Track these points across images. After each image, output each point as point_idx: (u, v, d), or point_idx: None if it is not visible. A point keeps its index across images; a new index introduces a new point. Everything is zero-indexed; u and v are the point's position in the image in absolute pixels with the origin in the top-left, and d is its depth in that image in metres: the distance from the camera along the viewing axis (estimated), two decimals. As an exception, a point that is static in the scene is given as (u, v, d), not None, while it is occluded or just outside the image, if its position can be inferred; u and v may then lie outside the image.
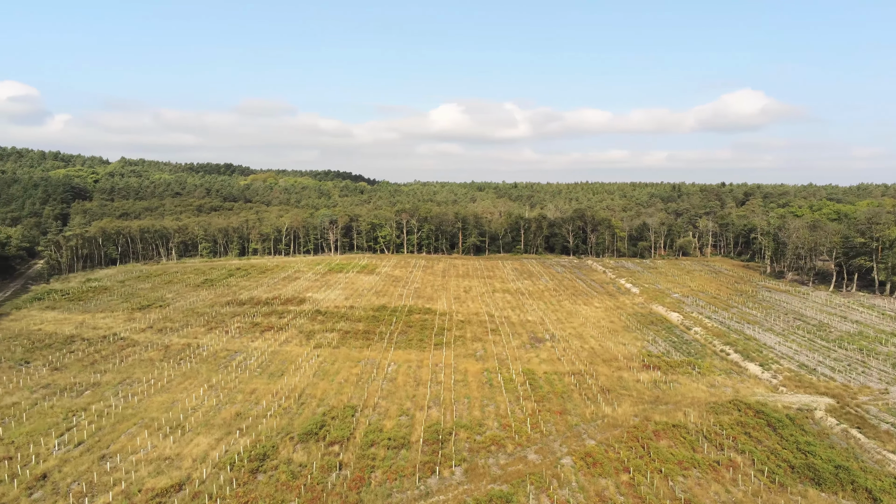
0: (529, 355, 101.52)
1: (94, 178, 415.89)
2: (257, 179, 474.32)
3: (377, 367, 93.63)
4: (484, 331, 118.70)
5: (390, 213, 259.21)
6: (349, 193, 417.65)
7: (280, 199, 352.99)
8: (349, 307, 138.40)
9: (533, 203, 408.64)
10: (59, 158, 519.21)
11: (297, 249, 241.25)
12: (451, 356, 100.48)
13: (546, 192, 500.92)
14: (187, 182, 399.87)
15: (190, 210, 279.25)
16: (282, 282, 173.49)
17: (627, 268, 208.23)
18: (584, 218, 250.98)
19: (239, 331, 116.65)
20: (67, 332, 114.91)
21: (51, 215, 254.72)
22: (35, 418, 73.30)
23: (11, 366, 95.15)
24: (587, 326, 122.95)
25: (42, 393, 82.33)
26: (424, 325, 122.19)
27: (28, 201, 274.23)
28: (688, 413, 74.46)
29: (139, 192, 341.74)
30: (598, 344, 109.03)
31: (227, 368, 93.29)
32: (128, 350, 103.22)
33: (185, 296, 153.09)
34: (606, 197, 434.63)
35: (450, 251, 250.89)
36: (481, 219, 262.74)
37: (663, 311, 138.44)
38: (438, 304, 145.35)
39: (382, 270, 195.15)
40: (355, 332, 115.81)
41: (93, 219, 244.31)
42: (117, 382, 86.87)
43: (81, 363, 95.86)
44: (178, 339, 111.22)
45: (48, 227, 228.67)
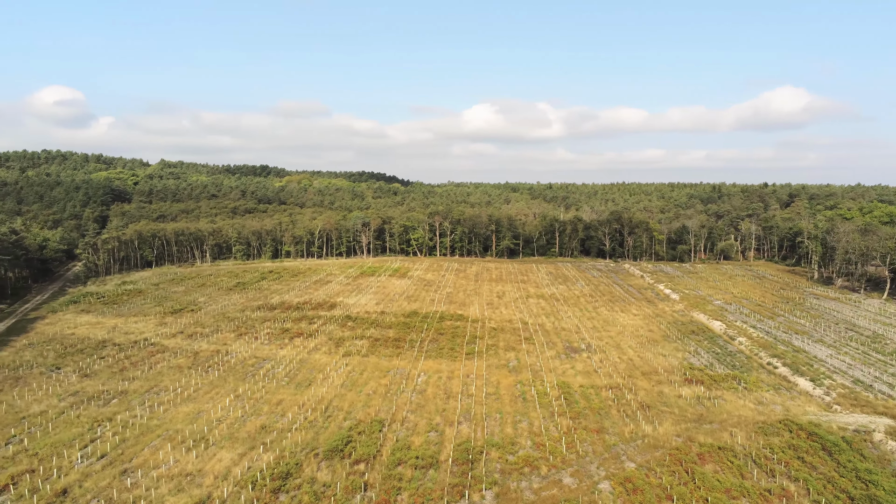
0: (565, 367, 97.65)
1: (133, 180, 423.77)
2: (292, 181, 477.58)
3: (407, 378, 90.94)
4: (517, 339, 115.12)
5: (423, 215, 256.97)
6: (382, 195, 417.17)
7: (314, 201, 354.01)
8: (380, 313, 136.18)
9: (568, 204, 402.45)
10: (102, 161, 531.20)
11: (329, 252, 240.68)
12: (482, 367, 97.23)
13: (581, 192, 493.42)
14: (223, 184, 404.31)
15: (225, 212, 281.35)
16: (313, 285, 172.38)
17: (666, 272, 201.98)
18: (620, 220, 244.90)
19: (268, 337, 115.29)
20: (100, 337, 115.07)
21: (90, 217, 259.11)
22: (61, 428, 72.48)
23: (43, 372, 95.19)
24: (625, 335, 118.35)
25: (70, 401, 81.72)
26: (456, 332, 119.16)
27: (69, 204, 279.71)
28: (734, 434, 69.87)
29: (176, 194, 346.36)
30: (636, 355, 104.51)
31: (255, 377, 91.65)
32: (157, 356, 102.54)
33: (217, 300, 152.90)
34: (643, 198, 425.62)
35: (483, 254, 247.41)
36: (515, 221, 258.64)
37: (705, 319, 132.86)
38: (471, 310, 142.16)
39: (415, 274, 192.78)
40: (385, 339, 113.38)
41: (130, 221, 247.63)
42: (144, 391, 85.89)
43: (111, 370, 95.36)
44: (208, 345, 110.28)
45: (87, 230, 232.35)
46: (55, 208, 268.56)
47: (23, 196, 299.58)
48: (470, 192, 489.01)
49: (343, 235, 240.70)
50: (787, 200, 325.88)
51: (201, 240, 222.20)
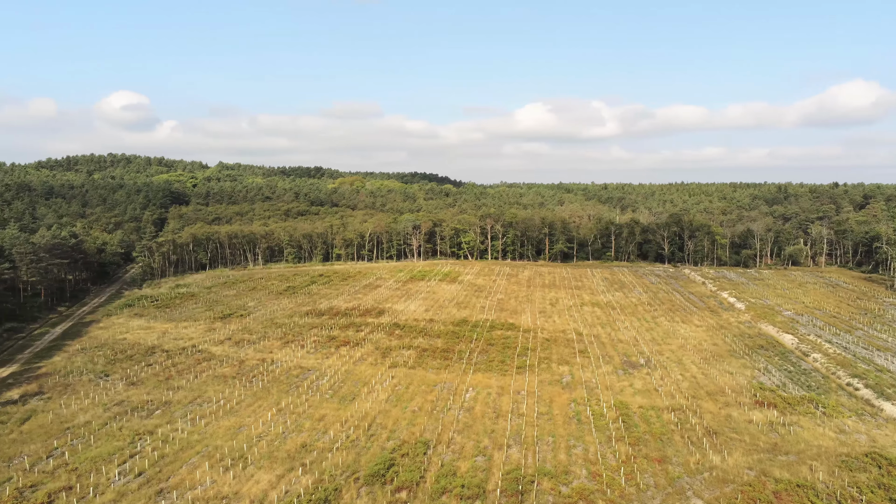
0: (622, 384, 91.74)
1: (192, 182, 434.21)
2: (345, 183, 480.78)
3: (454, 394, 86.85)
4: (571, 352, 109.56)
5: (474, 217, 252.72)
6: (434, 196, 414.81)
7: (366, 203, 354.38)
8: (428, 321, 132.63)
9: (624, 206, 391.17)
10: (163, 164, 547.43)
11: (379, 255, 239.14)
12: (534, 382, 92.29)
13: (638, 193, 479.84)
14: (277, 186, 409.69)
15: (277, 215, 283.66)
16: (362, 290, 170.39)
17: (730, 279, 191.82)
18: (680, 223, 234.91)
19: (315, 345, 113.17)
20: (149, 343, 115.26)
21: (149, 220, 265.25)
22: (103, 441, 71.36)
23: (91, 378, 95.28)
24: (687, 349, 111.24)
25: (114, 411, 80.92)
26: (507, 343, 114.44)
27: (130, 206, 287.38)
28: (814, 468, 63.02)
29: (232, 196, 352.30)
30: (700, 372, 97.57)
31: (298, 389, 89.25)
32: (203, 364, 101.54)
33: (267, 304, 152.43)
34: (704, 199, 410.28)
35: (535, 258, 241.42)
36: (569, 224, 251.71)
37: (774, 331, 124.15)
38: (522, 318, 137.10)
39: (465, 279, 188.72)
40: (433, 349, 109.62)
41: (187, 223, 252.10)
42: (188, 402, 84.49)
43: (157, 378, 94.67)
44: (254, 353, 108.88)
45: (145, 232, 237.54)
46: (116, 211, 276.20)
47: (88, 199, 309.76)
48: (522, 193, 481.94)
49: (393, 238, 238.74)
50: (861, 202, 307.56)
51: (254, 242, 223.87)
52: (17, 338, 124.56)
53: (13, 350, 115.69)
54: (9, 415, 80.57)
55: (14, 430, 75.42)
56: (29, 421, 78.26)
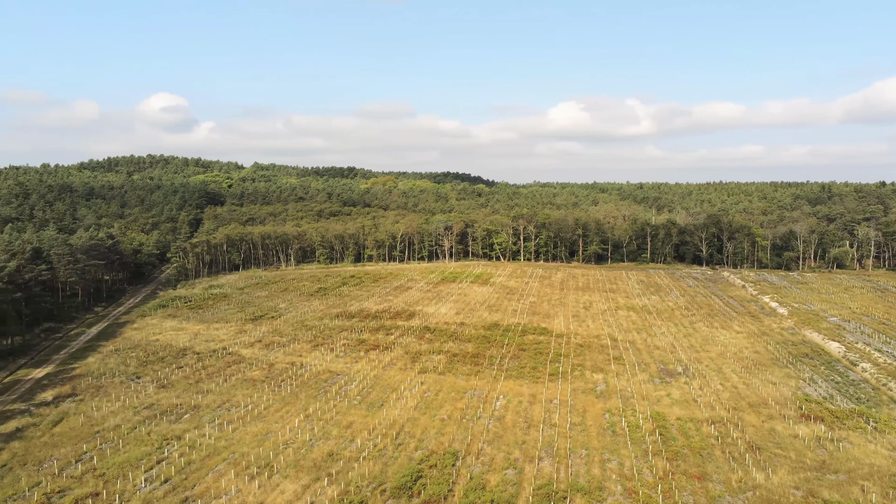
0: (659, 393, 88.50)
1: (228, 182, 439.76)
2: (377, 183, 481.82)
3: (484, 402, 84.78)
4: (606, 358, 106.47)
5: (507, 218, 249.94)
6: (467, 196, 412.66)
7: (398, 203, 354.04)
8: (459, 324, 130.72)
9: (660, 206, 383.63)
10: (200, 164, 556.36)
11: (411, 256, 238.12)
12: (567, 390, 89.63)
13: (674, 193, 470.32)
14: (311, 186, 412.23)
15: (310, 215, 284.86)
16: (393, 292, 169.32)
17: (771, 282, 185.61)
18: (719, 224, 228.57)
19: (344, 348, 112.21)
20: (181, 345, 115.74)
21: (185, 220, 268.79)
22: (131, 445, 71.20)
23: (123, 381, 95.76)
24: (727, 357, 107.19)
25: (144, 415, 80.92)
26: (539, 348, 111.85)
27: (166, 207, 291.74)
28: (867, 489, 59.34)
29: (266, 197, 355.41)
30: (741, 382, 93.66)
31: (327, 395, 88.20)
32: (233, 368, 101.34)
33: (298, 306, 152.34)
34: (743, 198, 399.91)
35: (569, 259, 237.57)
36: (603, 224, 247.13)
37: (819, 339, 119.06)
38: (555, 322, 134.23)
39: (497, 281, 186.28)
40: (464, 354, 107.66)
41: (222, 224, 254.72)
42: (217, 406, 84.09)
43: (187, 381, 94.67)
44: (284, 356, 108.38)
45: (180, 233, 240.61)
46: (154, 211, 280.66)
47: (126, 199, 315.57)
48: (556, 193, 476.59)
49: (425, 239, 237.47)
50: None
51: (286, 243, 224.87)
52: (55, 338, 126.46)
53: (50, 350, 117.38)
54: (42, 417, 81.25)
55: (46, 433, 75.89)
56: (61, 423, 78.70)
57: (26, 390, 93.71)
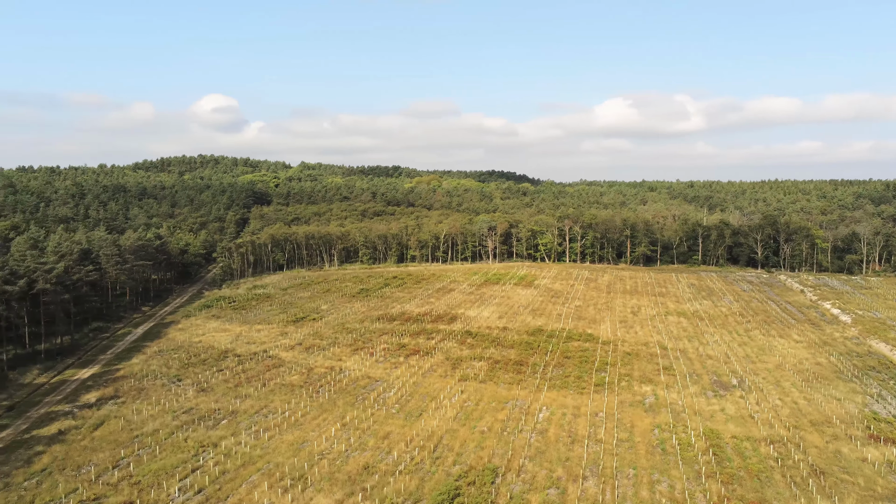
0: (712, 408, 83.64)
1: (275, 182, 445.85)
2: (422, 182, 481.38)
3: (526, 413, 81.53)
4: (655, 368, 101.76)
5: (552, 218, 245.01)
6: (511, 195, 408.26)
7: (442, 203, 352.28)
8: (502, 329, 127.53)
9: (712, 205, 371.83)
10: (248, 164, 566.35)
11: (454, 256, 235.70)
12: (614, 403, 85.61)
13: (727, 191, 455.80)
14: (356, 186, 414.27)
15: (354, 215, 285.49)
16: (435, 294, 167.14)
17: (832, 287, 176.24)
18: (775, 225, 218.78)
19: (384, 353, 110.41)
20: (223, 347, 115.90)
21: (232, 220, 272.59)
22: (168, 452, 70.65)
23: (164, 383, 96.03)
24: (785, 369, 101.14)
25: (182, 420, 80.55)
26: (584, 356, 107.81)
27: (214, 207, 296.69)
28: (948, 524, 53.94)
29: (311, 196, 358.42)
30: (802, 397, 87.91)
31: (365, 402, 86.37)
32: (273, 371, 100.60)
33: (340, 308, 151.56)
34: (801, 198, 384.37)
35: (616, 260, 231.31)
36: (652, 225, 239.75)
37: (887, 350, 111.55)
38: (601, 328, 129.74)
39: (541, 283, 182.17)
40: (506, 361, 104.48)
41: (267, 224, 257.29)
42: (254, 412, 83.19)
43: (227, 384, 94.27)
44: (323, 360, 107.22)
45: (227, 233, 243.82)
46: (202, 211, 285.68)
47: (177, 199, 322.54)
48: (603, 192, 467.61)
49: (468, 240, 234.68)
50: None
51: (330, 243, 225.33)
52: (103, 337, 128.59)
53: (97, 350, 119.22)
54: (84, 420, 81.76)
55: (87, 436, 76.16)
56: (101, 427, 78.96)
57: (71, 391, 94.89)
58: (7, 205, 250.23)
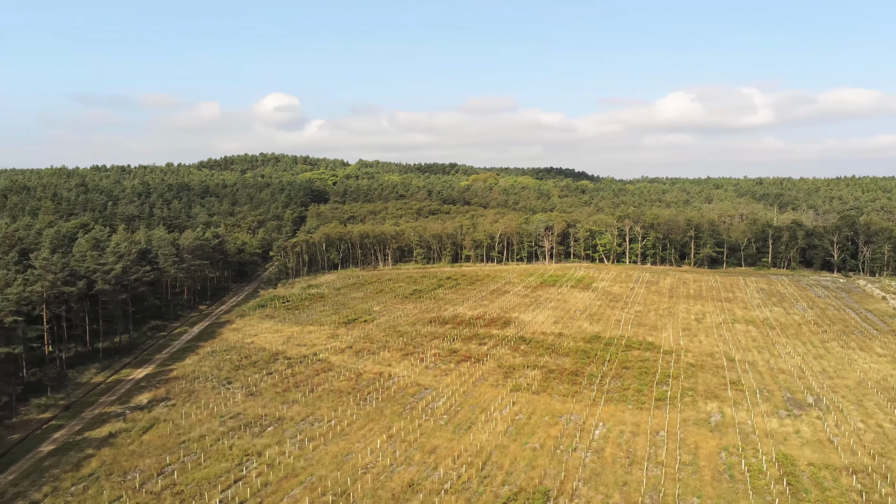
0: (786, 430, 77.17)
1: (333, 180, 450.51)
2: (478, 180, 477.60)
3: (581, 430, 77.10)
4: (721, 382, 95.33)
5: (611, 218, 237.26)
6: (569, 193, 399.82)
7: (498, 201, 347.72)
8: (557, 335, 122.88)
9: (782, 203, 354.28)
10: (307, 162, 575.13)
11: (510, 257, 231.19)
12: (676, 420, 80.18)
13: (799, 189, 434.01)
14: (412, 184, 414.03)
15: (409, 214, 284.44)
16: (489, 296, 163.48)
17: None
18: (854, 226, 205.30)
19: (434, 359, 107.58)
20: (274, 348, 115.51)
21: (289, 219, 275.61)
22: (212, 460, 69.69)
23: (215, 386, 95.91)
24: (868, 387, 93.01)
25: (229, 425, 79.74)
26: (644, 367, 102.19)
27: (273, 205, 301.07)
28: None
29: (368, 195, 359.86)
30: (888, 419, 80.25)
31: (413, 412, 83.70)
32: (321, 376, 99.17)
33: (392, 309, 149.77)
34: (881, 196, 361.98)
35: (679, 262, 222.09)
36: (718, 225, 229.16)
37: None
38: (663, 336, 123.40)
39: (599, 285, 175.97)
40: (561, 371, 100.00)
41: (323, 222, 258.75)
42: (300, 419, 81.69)
43: (275, 389, 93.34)
44: (373, 365, 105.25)
45: (283, 231, 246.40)
46: (261, 209, 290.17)
47: (237, 197, 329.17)
48: (666, 189, 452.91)
49: (524, 240, 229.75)
50: None
51: (384, 243, 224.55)
52: (159, 336, 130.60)
53: (153, 349, 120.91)
54: (135, 422, 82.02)
55: (135, 440, 76.18)
56: (150, 431, 78.93)
57: (125, 392, 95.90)
58: (78, 203, 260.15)
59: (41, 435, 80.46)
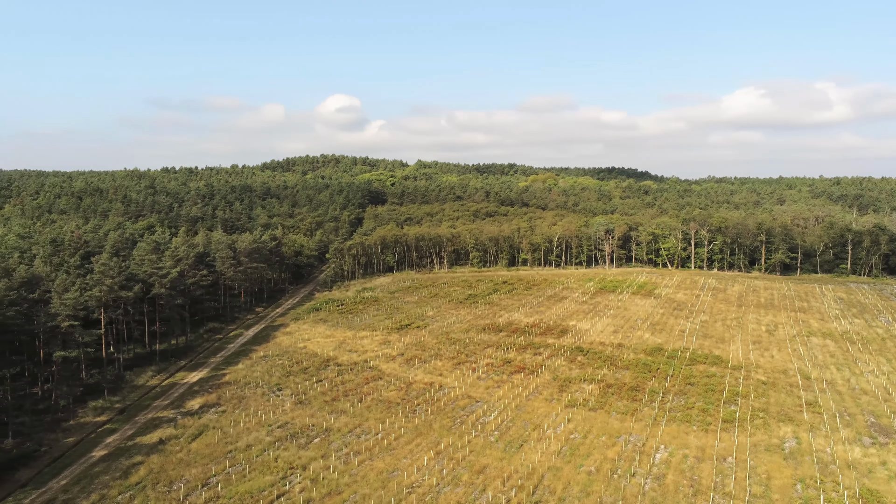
0: (870, 460, 70.25)
1: (391, 181, 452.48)
2: (537, 180, 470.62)
3: (641, 452, 72.28)
4: (796, 403, 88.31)
5: (676, 221, 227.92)
6: (631, 194, 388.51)
7: (557, 202, 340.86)
8: (616, 345, 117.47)
9: (862, 205, 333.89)
10: (367, 163, 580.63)
11: (568, 261, 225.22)
12: (745, 445, 74.27)
13: (881, 189, 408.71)
14: (469, 185, 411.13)
15: (466, 215, 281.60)
16: (546, 302, 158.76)
17: None
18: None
19: (487, 369, 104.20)
20: (326, 354, 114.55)
21: (346, 220, 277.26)
22: (257, 472, 68.56)
23: (265, 392, 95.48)
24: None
25: (276, 435, 78.71)
26: (710, 383, 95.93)
27: (331, 207, 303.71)
28: None
29: (425, 196, 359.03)
30: None
31: (463, 426, 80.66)
32: (371, 385, 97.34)
33: (446, 314, 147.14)
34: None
35: (748, 268, 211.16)
36: (791, 229, 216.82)
37: None
38: (731, 349, 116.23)
39: (662, 292, 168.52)
40: (619, 386, 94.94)
41: (380, 224, 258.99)
42: (348, 430, 79.89)
43: (324, 398, 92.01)
44: (423, 374, 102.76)
45: (340, 233, 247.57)
46: (320, 211, 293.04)
47: (297, 199, 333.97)
48: (734, 190, 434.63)
49: (583, 243, 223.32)
50: None
51: (440, 245, 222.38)
52: (215, 339, 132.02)
53: (209, 352, 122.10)
54: (185, 428, 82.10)
55: (184, 448, 76.02)
56: (198, 438, 78.72)
57: (178, 396, 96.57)
58: (146, 205, 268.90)
59: (95, 439, 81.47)
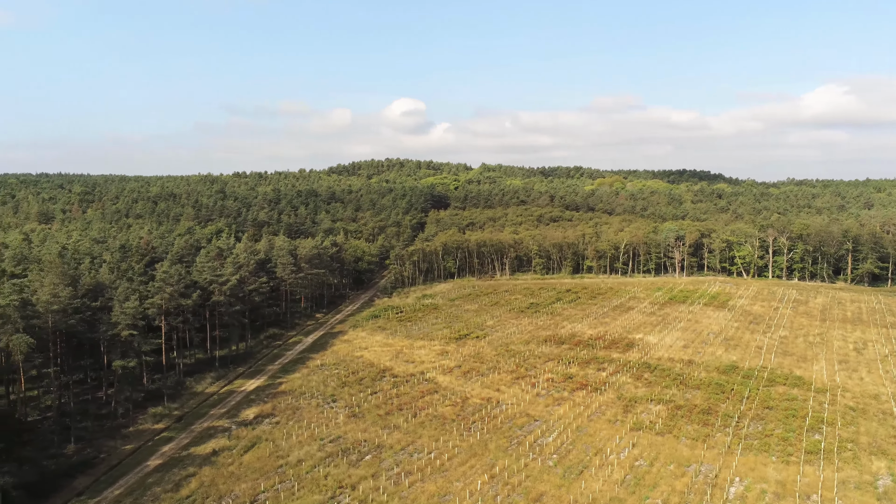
0: (982, 505, 62.20)
1: (455, 185, 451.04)
2: (604, 184, 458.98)
3: (713, 485, 66.49)
4: (890, 434, 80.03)
5: (752, 227, 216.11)
6: (704, 198, 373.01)
7: (624, 207, 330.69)
8: (687, 362, 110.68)
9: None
10: (431, 167, 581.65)
11: (636, 268, 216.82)
12: (832, 480, 67.31)
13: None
14: (534, 188, 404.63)
15: (529, 220, 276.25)
16: (611, 312, 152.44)
17: None
18: None
19: (547, 385, 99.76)
20: (382, 364, 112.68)
21: (408, 225, 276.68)
22: (306, 490, 66.87)
23: (319, 403, 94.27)
24: None
25: (328, 450, 76.95)
26: (791, 408, 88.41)
27: (394, 211, 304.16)
28: None
29: (488, 200, 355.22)
30: None
31: (520, 447, 76.74)
32: (426, 399, 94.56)
33: (506, 324, 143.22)
34: None
35: (832, 278, 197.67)
36: (881, 237, 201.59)
37: None
38: (814, 369, 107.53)
39: (737, 304, 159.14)
40: (690, 408, 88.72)
41: (442, 229, 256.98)
42: (400, 448, 77.34)
43: (378, 411, 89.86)
44: (481, 388, 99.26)
45: (402, 238, 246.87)
46: (382, 215, 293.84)
47: (361, 203, 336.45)
48: (816, 193, 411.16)
49: (652, 250, 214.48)
50: None
51: (502, 251, 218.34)
52: (275, 345, 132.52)
53: (267, 359, 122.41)
54: (238, 439, 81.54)
55: (236, 460, 75.30)
56: (251, 451, 77.88)
57: (235, 404, 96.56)
58: (216, 210, 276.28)
59: (152, 447, 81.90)
